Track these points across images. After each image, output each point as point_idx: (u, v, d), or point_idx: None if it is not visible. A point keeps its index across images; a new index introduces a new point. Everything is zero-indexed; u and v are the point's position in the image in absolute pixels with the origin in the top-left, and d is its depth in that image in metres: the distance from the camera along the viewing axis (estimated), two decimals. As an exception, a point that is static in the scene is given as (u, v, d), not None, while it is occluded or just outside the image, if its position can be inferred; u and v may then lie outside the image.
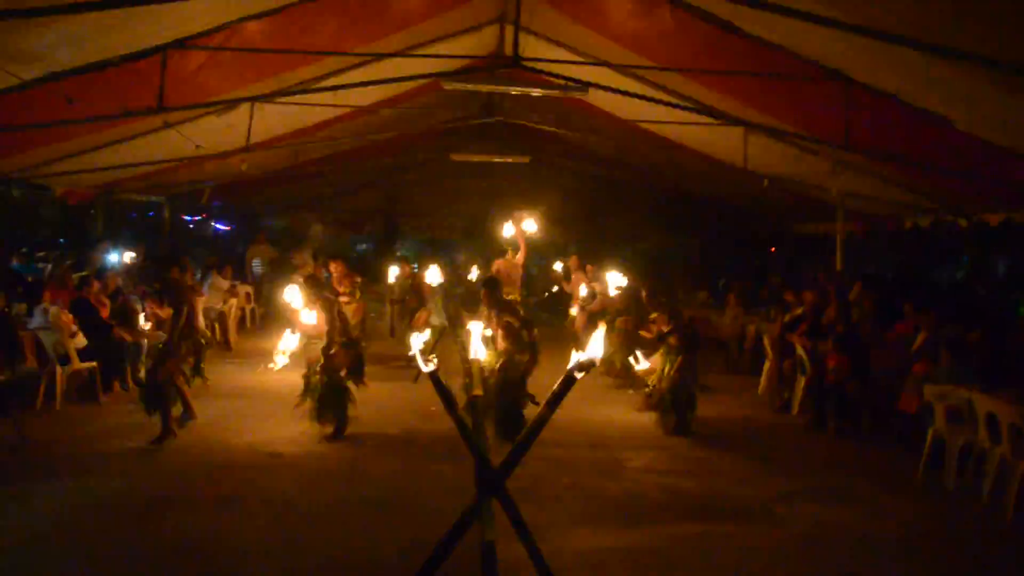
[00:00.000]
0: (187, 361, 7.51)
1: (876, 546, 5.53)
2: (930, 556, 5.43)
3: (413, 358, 3.87)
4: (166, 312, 7.45)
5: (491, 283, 8.51)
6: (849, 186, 9.66)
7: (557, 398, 3.68)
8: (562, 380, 3.64)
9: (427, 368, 3.75)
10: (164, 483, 6.16)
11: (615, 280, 10.10)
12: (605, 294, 10.80)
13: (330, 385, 7.40)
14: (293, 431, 7.43)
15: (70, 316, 8.48)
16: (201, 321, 8.17)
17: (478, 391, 5.26)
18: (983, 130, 6.88)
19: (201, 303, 11.76)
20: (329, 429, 7.47)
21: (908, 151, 8.22)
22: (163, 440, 6.94)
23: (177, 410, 7.38)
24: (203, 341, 7.92)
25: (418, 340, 3.87)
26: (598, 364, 3.66)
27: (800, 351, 9.08)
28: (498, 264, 11.08)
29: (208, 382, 8.55)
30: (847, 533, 5.73)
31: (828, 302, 9.42)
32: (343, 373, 7.56)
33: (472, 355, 4.73)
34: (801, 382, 9.13)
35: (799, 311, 9.98)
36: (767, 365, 10.10)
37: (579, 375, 3.58)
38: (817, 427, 8.55)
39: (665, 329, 8.51)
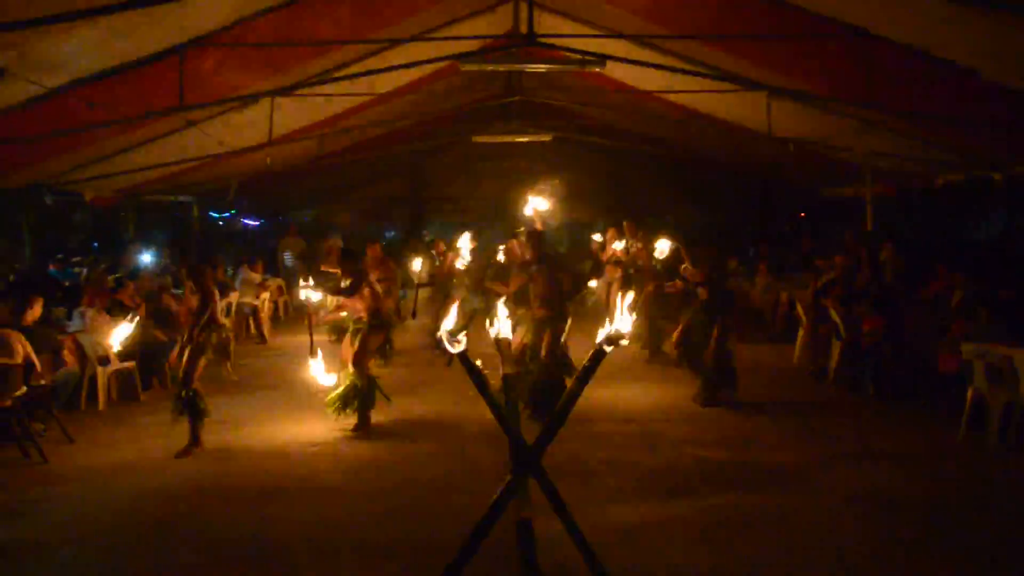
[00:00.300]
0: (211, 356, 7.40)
1: (917, 509, 5.44)
2: (973, 517, 5.34)
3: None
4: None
5: (536, 235, 8.23)
6: (876, 146, 9.49)
7: (588, 373, 3.67)
8: (592, 354, 3.63)
9: (454, 349, 3.72)
10: (207, 477, 6.25)
11: (662, 246, 9.61)
12: (641, 257, 10.62)
13: (356, 383, 7.40)
14: (331, 422, 7.49)
15: (107, 318, 8.63)
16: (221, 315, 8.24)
17: (508, 369, 5.27)
18: (1012, 79, 6.71)
19: (235, 298, 11.99)
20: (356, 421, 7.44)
21: (933, 106, 8.05)
22: (189, 451, 6.76)
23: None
24: (227, 336, 7.95)
25: (447, 323, 3.86)
26: (627, 337, 3.61)
27: (834, 315, 8.98)
28: (511, 244, 11.01)
29: (235, 377, 8.66)
30: (887, 497, 5.65)
31: (860, 265, 9.29)
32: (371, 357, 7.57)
33: (501, 333, 4.70)
34: (836, 347, 9.04)
35: (831, 275, 9.85)
36: (801, 332, 10.01)
37: (609, 349, 3.56)
38: (854, 392, 8.47)
39: (699, 279, 8.29)
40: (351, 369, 7.50)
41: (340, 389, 7.47)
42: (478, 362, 3.83)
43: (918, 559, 4.68)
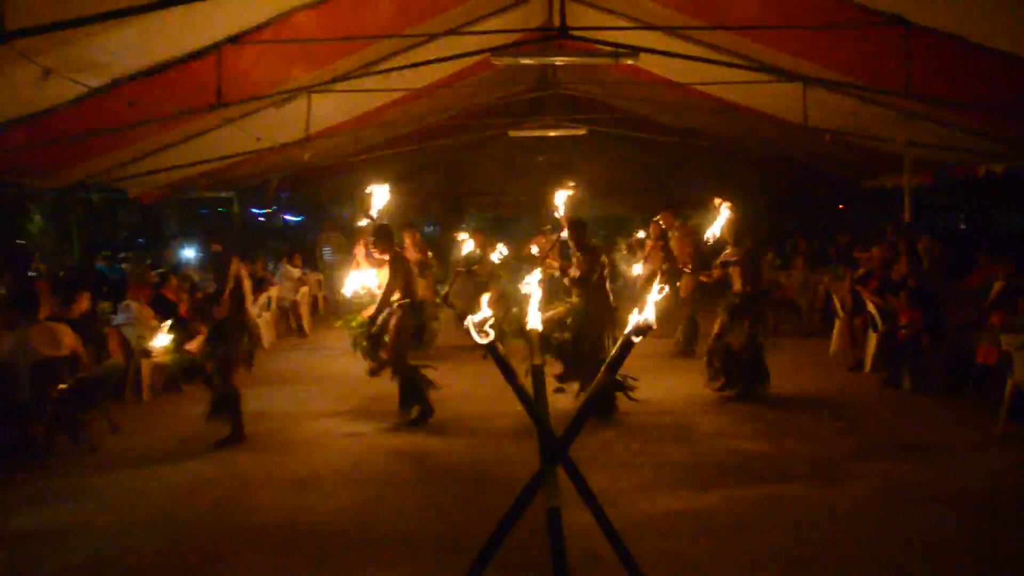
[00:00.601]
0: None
1: (954, 503, 5.36)
2: (1013, 511, 5.26)
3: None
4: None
5: (578, 223, 8.05)
6: (915, 136, 9.35)
7: (617, 362, 3.67)
8: (620, 344, 3.63)
9: (482, 340, 3.68)
10: (247, 465, 6.40)
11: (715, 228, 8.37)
12: (680, 248, 10.53)
13: (406, 378, 7.37)
14: (370, 413, 7.60)
15: (151, 312, 8.85)
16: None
17: (537, 360, 5.29)
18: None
19: (274, 293, 12.20)
20: (413, 414, 7.42)
21: (974, 94, 7.91)
22: (229, 443, 6.81)
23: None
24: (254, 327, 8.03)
25: (477, 314, 3.86)
26: (655, 327, 3.57)
27: (871, 307, 8.88)
28: (536, 242, 10.96)
29: (253, 371, 8.89)
30: (923, 490, 5.58)
31: (897, 257, 9.17)
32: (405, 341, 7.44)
33: (530, 325, 4.70)
34: (873, 339, 8.94)
35: (868, 267, 9.75)
36: (837, 324, 9.91)
37: (636, 339, 3.54)
38: (892, 384, 8.37)
39: (733, 258, 8.16)
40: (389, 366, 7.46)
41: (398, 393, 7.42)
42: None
43: (954, 554, 4.63)
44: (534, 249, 11.05)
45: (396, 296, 7.45)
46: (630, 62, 8.00)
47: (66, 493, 5.82)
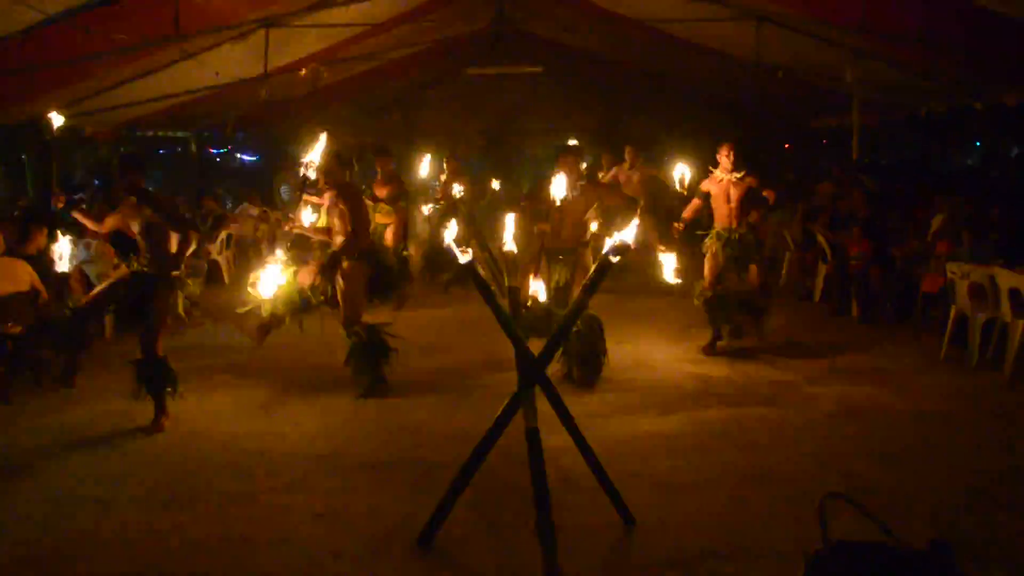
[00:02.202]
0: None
1: (904, 419, 5.72)
2: (958, 427, 5.62)
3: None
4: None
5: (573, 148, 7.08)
6: (865, 74, 9.58)
7: (593, 284, 3.73)
8: (597, 266, 3.69)
9: (463, 258, 3.66)
10: (215, 397, 6.40)
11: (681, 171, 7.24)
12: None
13: (361, 342, 6.29)
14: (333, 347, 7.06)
15: (111, 248, 8.77)
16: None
17: (515, 283, 5.35)
18: (1001, 5, 6.80)
19: (234, 230, 12.11)
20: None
21: (925, 31, 8.12)
22: (159, 426, 5.74)
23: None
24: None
25: (450, 234, 3.87)
26: (633, 247, 3.61)
27: (821, 240, 9.20)
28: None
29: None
30: (876, 409, 5.94)
31: (846, 192, 9.49)
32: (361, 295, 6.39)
33: (507, 246, 4.69)
34: (822, 271, 9.28)
35: (817, 203, 10.07)
36: (787, 256, 10.23)
37: (615, 259, 3.59)
38: (841, 313, 8.72)
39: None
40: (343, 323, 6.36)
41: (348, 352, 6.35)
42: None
43: (904, 462, 4.95)
44: (496, 186, 11.11)
45: (339, 237, 6.32)
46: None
47: (31, 431, 5.78)
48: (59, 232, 6.88)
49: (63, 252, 6.67)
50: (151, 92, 9.61)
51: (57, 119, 6.06)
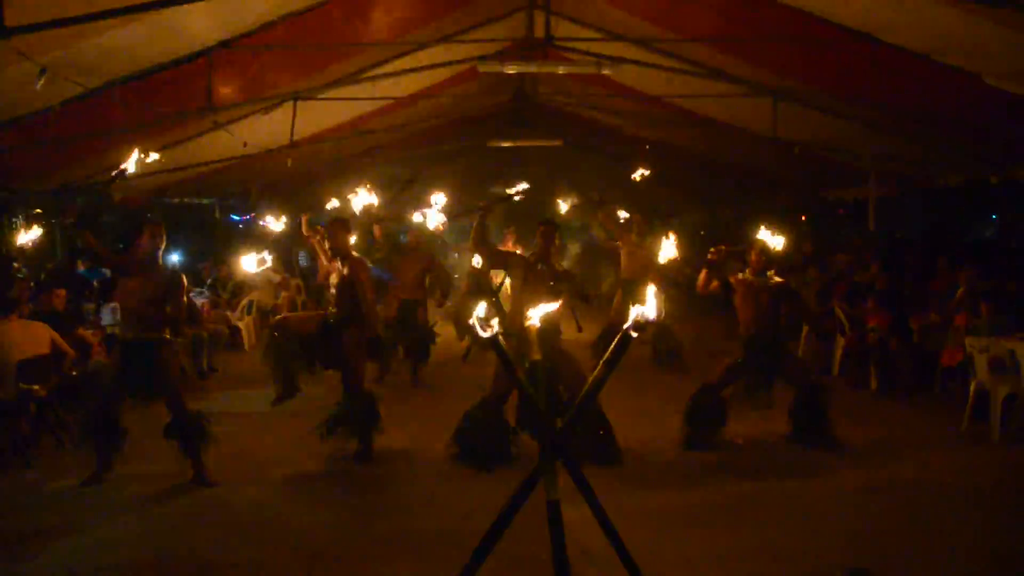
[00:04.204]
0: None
1: (927, 494, 5.66)
2: (981, 502, 5.55)
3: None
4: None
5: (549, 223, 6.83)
6: (878, 148, 9.72)
7: (615, 358, 3.67)
8: (618, 340, 3.65)
9: (487, 334, 3.69)
10: (228, 465, 6.42)
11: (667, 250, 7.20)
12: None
13: (356, 406, 6.51)
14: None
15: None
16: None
17: (536, 356, 5.34)
18: (1012, 84, 6.93)
19: (255, 296, 12.27)
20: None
21: (938, 109, 8.28)
22: (206, 479, 6.02)
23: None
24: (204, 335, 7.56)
25: (479, 309, 3.88)
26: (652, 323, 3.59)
27: (839, 312, 9.20)
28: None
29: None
30: (897, 483, 5.88)
31: (864, 263, 9.53)
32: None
33: (530, 321, 4.72)
34: (840, 343, 9.26)
35: (833, 273, 10.10)
36: (805, 329, 10.21)
37: (635, 334, 3.58)
38: (859, 386, 8.67)
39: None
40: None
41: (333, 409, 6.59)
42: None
43: (928, 540, 4.88)
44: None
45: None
46: (609, 72, 8.25)
47: (51, 493, 5.84)
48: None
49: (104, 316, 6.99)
50: (181, 160, 9.87)
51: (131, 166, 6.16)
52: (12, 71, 6.00)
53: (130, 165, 5.89)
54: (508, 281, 7.34)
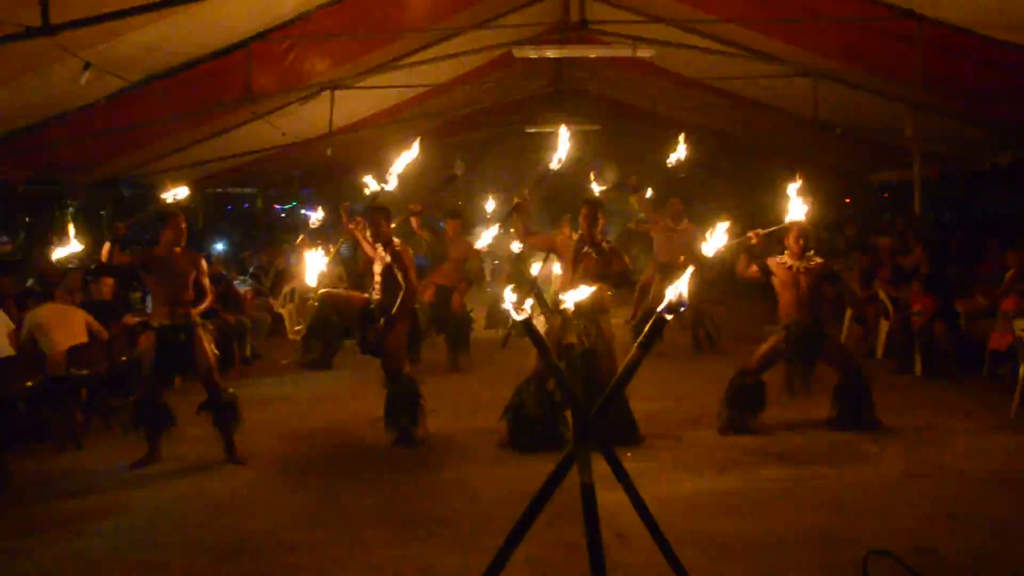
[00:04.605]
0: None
1: (973, 483, 5.51)
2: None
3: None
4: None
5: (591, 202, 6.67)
6: (925, 128, 9.52)
7: (649, 340, 3.60)
8: (652, 322, 3.56)
9: (519, 316, 3.63)
10: (275, 450, 6.56)
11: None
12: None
13: (397, 391, 6.54)
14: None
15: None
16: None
17: (572, 339, 5.35)
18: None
19: (297, 285, 12.42)
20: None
21: (986, 86, 8.08)
22: (236, 458, 6.22)
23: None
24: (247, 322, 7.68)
25: (509, 292, 3.90)
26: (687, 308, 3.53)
27: (883, 296, 9.05)
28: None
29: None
30: (942, 470, 5.73)
31: (908, 246, 9.35)
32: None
33: (565, 304, 4.74)
34: (884, 327, 9.11)
35: (877, 257, 9.93)
36: (849, 312, 10.06)
37: (669, 317, 3.51)
38: (904, 371, 8.52)
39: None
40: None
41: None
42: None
43: (977, 528, 4.76)
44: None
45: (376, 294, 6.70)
46: (647, 55, 8.19)
47: (98, 477, 5.99)
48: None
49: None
50: (221, 151, 10.06)
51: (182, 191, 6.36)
52: (57, 68, 6.16)
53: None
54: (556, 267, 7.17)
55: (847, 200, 16.59)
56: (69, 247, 6.41)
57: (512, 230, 6.75)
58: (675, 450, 6.31)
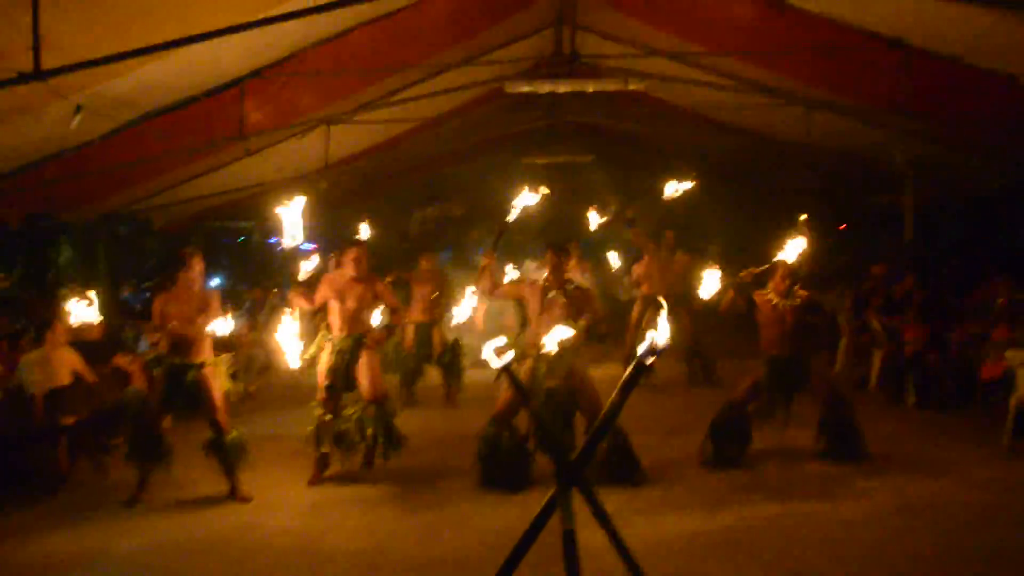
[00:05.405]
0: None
1: (967, 515, 5.50)
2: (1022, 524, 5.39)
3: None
4: None
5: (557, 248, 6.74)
6: (915, 155, 9.56)
7: (630, 384, 3.68)
8: (633, 366, 3.65)
9: (498, 363, 3.79)
10: (261, 488, 6.53)
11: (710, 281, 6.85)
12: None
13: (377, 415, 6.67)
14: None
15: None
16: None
17: (553, 383, 5.38)
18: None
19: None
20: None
21: (974, 114, 8.12)
22: (242, 497, 6.28)
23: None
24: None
25: (494, 340, 3.94)
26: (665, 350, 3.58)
27: (875, 324, 9.06)
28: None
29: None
30: (935, 504, 5.72)
31: (900, 275, 9.37)
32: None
33: (546, 348, 4.79)
34: (877, 356, 9.10)
35: (869, 285, 9.94)
36: (842, 342, 10.05)
37: (649, 361, 3.58)
38: (897, 400, 8.51)
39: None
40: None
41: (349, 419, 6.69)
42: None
43: (967, 566, 4.75)
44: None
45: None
46: (638, 88, 8.24)
47: (81, 520, 5.93)
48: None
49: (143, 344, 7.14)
50: (216, 187, 10.10)
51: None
52: (51, 109, 6.20)
53: None
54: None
55: (842, 226, 16.60)
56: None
57: (479, 289, 6.77)
58: (665, 487, 6.28)
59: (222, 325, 6.25)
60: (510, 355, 3.83)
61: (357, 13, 6.56)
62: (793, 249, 6.66)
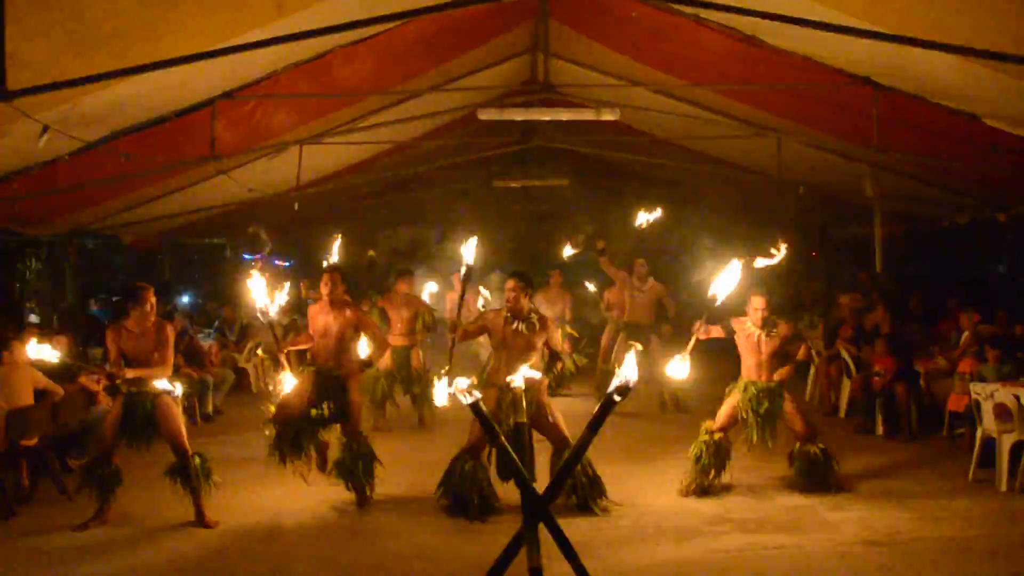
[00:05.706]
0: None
1: (932, 548, 5.53)
2: (988, 556, 5.43)
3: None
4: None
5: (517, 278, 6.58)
6: (884, 188, 9.70)
7: (598, 422, 3.73)
8: (601, 404, 3.71)
9: (466, 400, 3.83)
10: (227, 510, 6.43)
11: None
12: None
13: (353, 449, 6.60)
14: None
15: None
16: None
17: (522, 418, 5.37)
18: (1009, 124, 6.91)
19: (261, 339, 12.29)
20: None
21: (940, 149, 8.25)
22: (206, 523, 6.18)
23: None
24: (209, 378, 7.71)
25: (460, 378, 3.95)
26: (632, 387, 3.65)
27: (844, 354, 9.13)
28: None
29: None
30: (901, 537, 5.74)
31: (871, 306, 9.47)
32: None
33: (514, 383, 4.81)
34: (847, 385, 9.17)
35: (840, 315, 10.03)
36: (812, 370, 10.13)
37: (618, 399, 3.63)
38: (866, 430, 8.57)
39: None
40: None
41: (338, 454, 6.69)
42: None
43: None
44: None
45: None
46: (611, 118, 8.29)
47: (41, 544, 5.82)
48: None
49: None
50: (186, 205, 10.01)
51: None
52: (17, 128, 6.10)
53: None
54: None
55: (814, 254, 16.80)
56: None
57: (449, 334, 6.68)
58: (634, 517, 6.25)
59: (166, 385, 6.17)
60: (477, 394, 3.84)
61: (330, 38, 6.54)
62: (764, 264, 6.60)
